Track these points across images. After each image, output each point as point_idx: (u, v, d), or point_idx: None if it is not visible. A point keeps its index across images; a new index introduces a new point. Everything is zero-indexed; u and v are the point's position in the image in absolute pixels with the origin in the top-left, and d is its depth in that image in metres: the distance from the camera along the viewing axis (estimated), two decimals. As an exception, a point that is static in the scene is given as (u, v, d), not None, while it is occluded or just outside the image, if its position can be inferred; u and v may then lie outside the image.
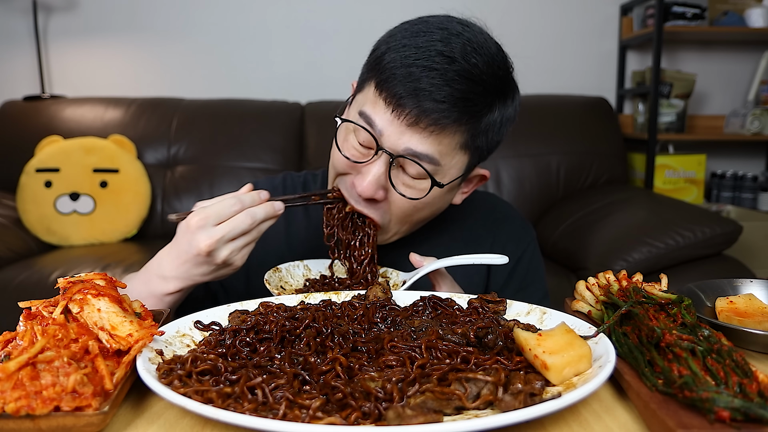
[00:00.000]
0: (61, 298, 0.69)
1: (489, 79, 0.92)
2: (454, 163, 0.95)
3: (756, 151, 3.44)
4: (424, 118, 0.89)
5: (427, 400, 0.55)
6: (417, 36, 0.92)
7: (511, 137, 3.03)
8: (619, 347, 0.66)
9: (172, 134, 2.84)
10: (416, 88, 0.88)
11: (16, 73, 3.20)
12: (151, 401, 0.62)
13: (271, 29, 3.21)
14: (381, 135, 0.91)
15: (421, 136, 0.90)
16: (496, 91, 0.94)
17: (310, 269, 1.05)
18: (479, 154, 1.00)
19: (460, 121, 0.90)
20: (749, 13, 3.06)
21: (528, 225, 1.24)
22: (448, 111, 0.89)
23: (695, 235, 2.08)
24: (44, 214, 2.56)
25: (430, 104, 0.88)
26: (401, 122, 0.90)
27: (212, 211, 0.85)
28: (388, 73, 0.90)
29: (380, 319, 0.75)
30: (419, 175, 0.93)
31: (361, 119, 0.94)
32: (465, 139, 0.94)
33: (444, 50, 0.89)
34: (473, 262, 0.93)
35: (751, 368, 0.57)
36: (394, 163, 0.92)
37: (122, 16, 3.19)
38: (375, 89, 0.93)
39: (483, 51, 0.92)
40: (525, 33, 3.25)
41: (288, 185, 1.24)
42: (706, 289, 0.86)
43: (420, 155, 0.91)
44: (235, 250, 0.86)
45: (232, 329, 0.69)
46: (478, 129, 0.94)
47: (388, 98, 0.90)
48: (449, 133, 0.91)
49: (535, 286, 1.18)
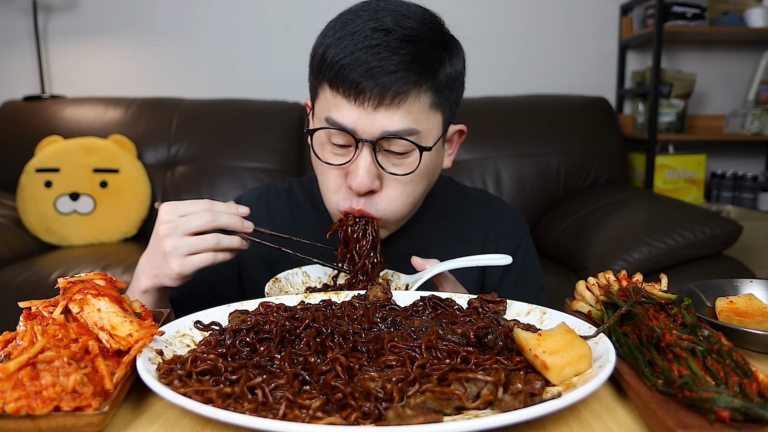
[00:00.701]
0: (61, 298, 0.69)
1: (428, 34, 0.94)
2: (431, 125, 0.97)
3: (756, 151, 3.44)
4: (387, 94, 0.90)
5: (427, 400, 0.55)
6: (347, 25, 0.94)
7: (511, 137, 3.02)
8: (619, 347, 0.66)
9: (172, 134, 2.84)
10: (368, 68, 0.89)
11: (16, 73, 3.20)
12: (151, 401, 0.62)
13: (271, 29, 3.21)
14: (355, 130, 0.92)
15: (391, 113, 0.91)
16: (440, 43, 0.96)
17: (309, 276, 1.03)
18: (449, 109, 1.01)
19: (419, 82, 0.92)
20: (749, 13, 3.06)
21: (521, 220, 1.25)
22: (404, 77, 0.90)
23: (695, 235, 2.08)
24: (44, 214, 2.56)
25: (386, 78, 0.89)
26: (367, 107, 0.91)
27: (182, 203, 0.89)
28: (337, 67, 0.91)
29: (380, 319, 0.75)
30: (405, 149, 0.94)
31: (329, 123, 0.94)
32: (431, 99, 0.95)
33: (377, 25, 0.92)
34: (477, 264, 0.93)
35: (751, 368, 0.57)
36: (377, 148, 0.94)
37: (122, 16, 3.19)
38: (331, 89, 0.94)
39: (411, 14, 0.95)
40: (525, 33, 3.25)
41: (271, 193, 1.24)
42: (706, 289, 0.86)
43: (398, 132, 0.92)
44: (182, 247, 0.86)
45: (232, 329, 0.69)
46: (439, 84, 0.95)
47: (346, 90, 0.91)
48: (414, 98, 0.92)
49: (531, 280, 1.19)
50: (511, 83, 3.19)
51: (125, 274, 2.17)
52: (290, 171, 2.80)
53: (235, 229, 0.90)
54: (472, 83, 1.05)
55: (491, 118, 2.83)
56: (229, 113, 2.90)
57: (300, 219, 1.20)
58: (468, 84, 1.06)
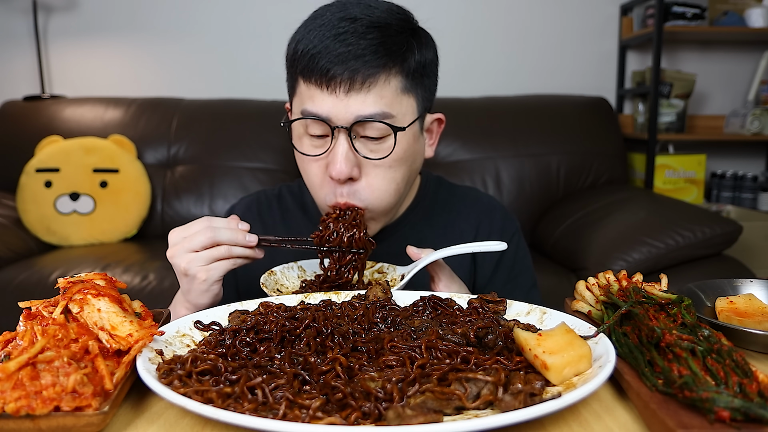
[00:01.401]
0: (61, 298, 0.69)
1: (395, 22, 0.97)
2: (404, 109, 0.98)
3: (756, 151, 3.44)
4: (357, 77, 0.92)
5: (427, 400, 0.55)
6: (315, 19, 0.98)
7: (511, 137, 3.03)
8: (619, 347, 0.66)
9: (172, 134, 2.84)
10: (337, 54, 0.92)
11: (16, 73, 3.20)
12: (151, 401, 0.62)
13: (271, 29, 3.21)
14: (329, 118, 0.94)
15: (362, 97, 0.93)
16: (407, 30, 0.99)
17: (304, 270, 1.04)
18: (423, 96, 1.02)
19: (387, 65, 0.94)
20: (749, 13, 3.06)
21: (511, 216, 1.25)
22: (372, 60, 0.93)
23: (695, 235, 2.08)
24: (44, 214, 2.56)
25: (355, 62, 0.92)
26: (339, 93, 0.93)
27: (184, 226, 0.91)
28: (307, 57, 0.94)
29: (380, 319, 0.75)
30: (380, 133, 0.96)
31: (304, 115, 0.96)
32: (402, 83, 0.97)
33: (344, 15, 0.95)
34: (471, 250, 0.93)
35: (751, 368, 0.57)
36: (353, 134, 0.95)
37: (122, 16, 3.19)
38: (304, 81, 0.96)
39: (378, 5, 0.99)
40: (525, 33, 3.25)
41: (262, 200, 1.26)
42: (706, 289, 0.86)
43: (371, 115, 0.94)
44: (195, 260, 0.89)
45: (232, 329, 0.69)
46: (408, 68, 0.97)
47: (317, 79, 0.93)
48: (384, 81, 0.94)
49: (524, 276, 1.20)
50: (511, 83, 3.19)
51: (125, 274, 2.17)
52: (290, 171, 2.80)
53: (238, 244, 0.91)
54: (472, 83, 1.06)
55: (491, 118, 2.83)
56: (229, 113, 2.90)
57: (292, 225, 1.22)
58: (468, 84, 1.07)
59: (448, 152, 2.76)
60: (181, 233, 0.91)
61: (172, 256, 0.90)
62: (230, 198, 2.70)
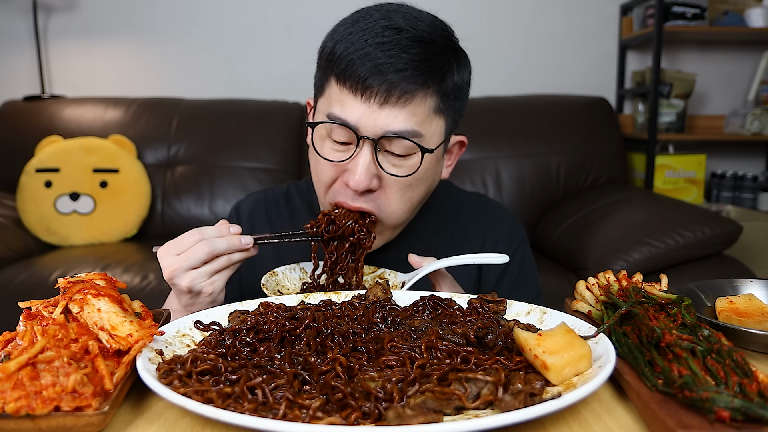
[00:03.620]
0: (61, 298, 0.69)
1: (439, 39, 0.94)
2: (433, 129, 0.96)
3: (756, 151, 3.44)
4: (394, 92, 0.89)
5: (427, 400, 0.55)
6: (358, 22, 0.94)
7: (511, 137, 3.02)
8: (619, 347, 0.66)
9: (172, 134, 2.84)
10: (376, 64, 0.89)
11: (16, 73, 3.20)
12: (151, 401, 0.62)
13: (271, 29, 3.21)
14: (357, 127, 0.91)
15: (395, 112, 0.91)
16: (449, 49, 0.96)
17: (306, 272, 1.04)
18: (452, 118, 1.01)
19: (426, 83, 0.92)
20: (749, 13, 3.06)
21: (518, 225, 1.24)
22: (413, 76, 0.90)
23: (695, 235, 2.08)
24: (44, 214, 2.56)
25: (394, 75, 0.89)
26: (373, 104, 0.90)
27: (174, 242, 0.88)
28: (345, 61, 0.91)
29: (380, 319, 0.75)
30: (406, 151, 0.94)
31: (332, 119, 0.93)
32: (436, 103, 0.95)
33: (388, 24, 0.91)
34: (473, 261, 0.93)
35: (751, 368, 0.57)
36: (378, 147, 0.93)
37: (122, 16, 3.19)
38: (337, 84, 0.93)
39: (423, 18, 0.95)
40: (525, 33, 3.25)
41: (269, 199, 1.24)
42: (706, 289, 0.86)
43: (401, 132, 0.91)
44: (198, 277, 0.87)
45: (232, 329, 0.69)
46: (445, 90, 0.95)
47: (353, 85, 0.91)
48: (420, 99, 0.92)
49: (528, 285, 1.18)
50: (511, 83, 3.19)
51: (125, 274, 2.17)
52: (290, 171, 2.80)
53: (234, 250, 0.89)
54: (473, 83, 1.05)
55: (491, 118, 2.83)
56: (229, 113, 2.90)
57: (299, 224, 1.20)
58: (468, 84, 1.05)
59: (448, 152, 2.76)
60: (174, 251, 0.87)
61: (171, 278, 0.87)
62: (230, 198, 2.70)
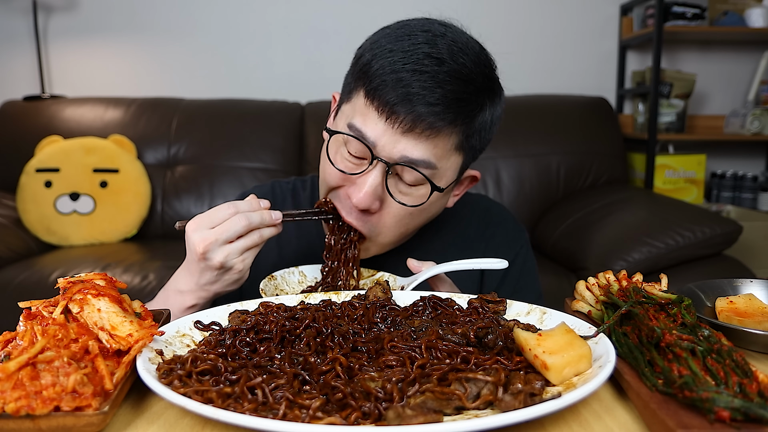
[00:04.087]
0: (61, 298, 0.69)
1: (478, 78, 0.91)
2: (449, 165, 0.95)
3: (756, 151, 3.44)
4: (419, 123, 0.87)
5: (427, 400, 0.55)
6: (401, 40, 0.90)
7: (511, 137, 3.02)
8: (619, 347, 0.66)
9: (172, 134, 2.84)
10: (408, 93, 0.86)
11: (16, 73, 3.20)
12: (151, 401, 0.62)
13: (271, 29, 3.21)
14: (375, 145, 0.90)
15: (416, 141, 0.89)
16: (486, 89, 0.94)
17: (305, 275, 1.03)
18: (472, 154, 0.99)
19: (455, 122, 0.89)
20: (749, 13, 3.06)
21: (520, 227, 1.23)
22: (442, 113, 0.87)
23: (695, 235, 2.08)
24: (44, 214, 2.56)
25: (424, 108, 0.86)
26: (396, 130, 0.88)
27: (206, 215, 0.87)
28: (378, 80, 0.88)
29: (380, 319, 0.75)
30: (416, 181, 0.92)
31: (352, 131, 0.92)
32: (459, 140, 0.93)
33: (431, 52, 0.88)
34: (473, 267, 0.92)
35: (751, 368, 0.57)
36: (390, 171, 0.91)
37: (122, 16, 3.19)
38: (365, 98, 0.91)
39: (468, 50, 0.92)
40: (525, 33, 3.25)
41: (277, 193, 1.23)
42: (706, 289, 0.86)
43: (417, 161, 0.90)
44: (233, 252, 0.85)
45: (232, 329, 0.69)
46: (472, 129, 0.93)
47: (380, 106, 0.88)
48: (445, 135, 0.90)
49: (529, 288, 1.17)
50: (511, 83, 3.16)
51: (125, 274, 2.17)
52: (290, 171, 2.80)
53: (267, 224, 0.89)
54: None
55: (491, 118, 2.83)
56: (229, 113, 2.90)
57: (303, 222, 1.19)
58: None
59: (448, 152, 2.76)
60: (207, 224, 0.86)
61: (205, 251, 0.84)
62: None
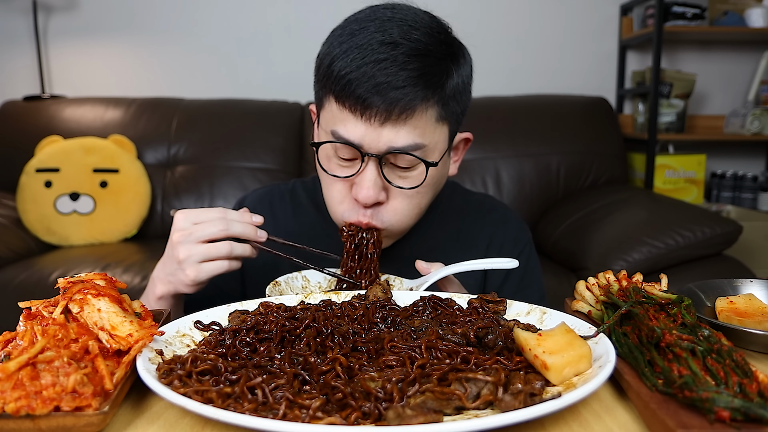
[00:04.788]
0: (61, 298, 0.69)
1: (436, 47, 0.93)
2: (437, 138, 0.96)
3: (756, 151, 3.44)
4: (394, 110, 0.89)
5: (427, 400, 0.55)
6: (353, 36, 0.92)
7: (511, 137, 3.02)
8: (619, 347, 0.66)
9: (172, 134, 2.84)
10: (375, 84, 0.88)
11: (16, 73, 3.20)
12: (151, 401, 0.62)
13: (271, 29, 3.21)
14: (361, 145, 0.92)
15: (397, 128, 0.91)
16: (447, 55, 0.95)
17: (308, 280, 1.03)
18: (456, 119, 1.01)
19: (426, 97, 0.91)
20: (749, 13, 3.06)
21: (524, 226, 1.24)
22: (412, 93, 0.89)
23: (695, 235, 2.08)
24: (44, 214, 2.56)
25: (394, 93, 0.89)
26: (374, 123, 0.90)
27: (196, 210, 0.89)
28: (343, 81, 0.90)
29: (380, 319, 0.75)
30: (410, 163, 0.94)
31: (335, 137, 0.94)
32: (438, 112, 0.94)
33: (384, 39, 0.90)
34: (483, 267, 0.92)
35: (751, 368, 0.57)
36: (383, 162, 0.94)
37: (122, 16, 3.19)
38: (336, 103, 0.93)
39: (419, 25, 0.93)
40: (525, 33, 3.25)
41: (275, 194, 1.24)
42: (706, 289, 0.86)
43: (404, 147, 0.92)
44: (196, 254, 0.87)
45: (232, 329, 0.69)
46: (446, 97, 0.95)
47: (353, 106, 0.90)
48: (421, 112, 0.92)
49: (533, 287, 1.18)
50: (511, 83, 3.19)
51: (125, 274, 2.17)
52: (290, 171, 2.80)
53: (248, 239, 0.90)
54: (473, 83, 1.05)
55: (491, 118, 2.83)
56: (229, 113, 2.90)
57: (303, 221, 1.20)
58: (469, 84, 1.05)
59: (448, 152, 2.76)
60: (192, 218, 0.88)
61: (178, 241, 0.87)
62: (230, 198, 2.70)
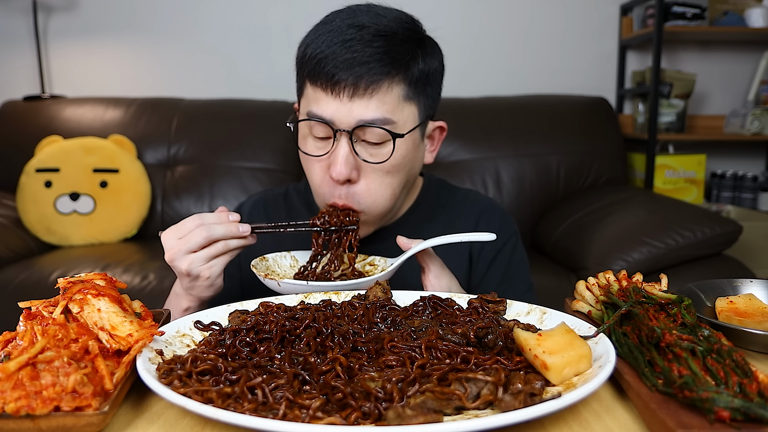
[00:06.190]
0: (61, 298, 0.69)
1: (401, 31, 1.00)
2: (405, 116, 1.00)
3: (756, 151, 3.44)
4: (361, 83, 0.95)
5: (427, 400, 0.55)
6: (327, 24, 1.01)
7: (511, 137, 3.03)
8: (619, 347, 0.66)
9: (172, 134, 2.84)
10: (342, 60, 0.95)
11: (16, 73, 3.20)
12: (151, 401, 0.62)
13: (271, 29, 3.21)
14: (333, 121, 0.97)
15: (365, 102, 0.96)
16: (413, 39, 1.01)
17: (297, 260, 1.06)
18: (425, 104, 1.05)
19: (391, 73, 0.97)
20: (749, 13, 3.05)
21: (509, 219, 1.27)
22: (377, 67, 0.96)
23: (695, 235, 2.08)
24: (44, 214, 2.56)
25: (360, 68, 0.95)
26: (343, 98, 0.96)
27: (176, 226, 0.94)
28: (314, 61, 0.97)
29: (380, 319, 0.75)
30: (380, 138, 0.99)
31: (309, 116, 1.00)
32: (405, 91, 0.99)
33: (353, 22, 0.98)
34: (460, 239, 0.96)
35: (751, 368, 0.57)
36: (354, 138, 0.98)
37: (122, 16, 3.19)
38: (310, 85, 1.00)
39: (387, 13, 1.02)
40: (525, 33, 3.25)
41: (269, 198, 1.29)
42: (706, 289, 0.86)
43: (373, 120, 0.97)
44: (196, 261, 0.91)
45: (232, 329, 0.69)
46: (411, 77, 1.00)
47: (323, 83, 0.96)
48: (386, 88, 0.97)
49: (519, 278, 1.21)
50: (511, 83, 3.18)
51: (125, 274, 2.17)
52: (290, 171, 2.80)
53: (232, 236, 0.94)
54: (473, 83, 1.07)
55: (491, 118, 2.83)
56: (229, 113, 2.90)
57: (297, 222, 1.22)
58: (468, 84, 1.07)
59: (448, 152, 2.76)
60: (175, 235, 0.93)
61: (171, 260, 0.92)
62: (230, 198, 2.70)
